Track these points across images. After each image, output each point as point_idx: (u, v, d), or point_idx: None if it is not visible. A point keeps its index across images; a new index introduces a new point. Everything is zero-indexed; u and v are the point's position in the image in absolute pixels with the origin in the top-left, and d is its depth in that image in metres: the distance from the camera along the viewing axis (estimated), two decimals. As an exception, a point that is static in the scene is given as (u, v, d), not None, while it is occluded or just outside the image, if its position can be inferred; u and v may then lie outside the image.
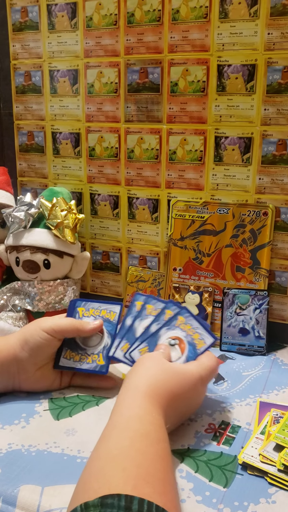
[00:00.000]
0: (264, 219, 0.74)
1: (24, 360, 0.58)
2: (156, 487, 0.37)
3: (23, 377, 0.59)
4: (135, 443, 0.41)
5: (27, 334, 0.59)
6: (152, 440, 0.42)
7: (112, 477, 0.37)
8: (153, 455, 0.40)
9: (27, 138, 0.89)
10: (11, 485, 0.46)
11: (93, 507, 0.34)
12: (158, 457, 0.41)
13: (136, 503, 0.34)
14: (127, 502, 0.34)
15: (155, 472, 0.39)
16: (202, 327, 0.59)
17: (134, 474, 0.37)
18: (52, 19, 0.82)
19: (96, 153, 0.84)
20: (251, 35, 0.70)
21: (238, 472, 0.49)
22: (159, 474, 0.39)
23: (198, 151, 0.77)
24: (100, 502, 0.34)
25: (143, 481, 0.37)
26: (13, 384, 0.60)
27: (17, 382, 0.60)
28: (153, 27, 0.75)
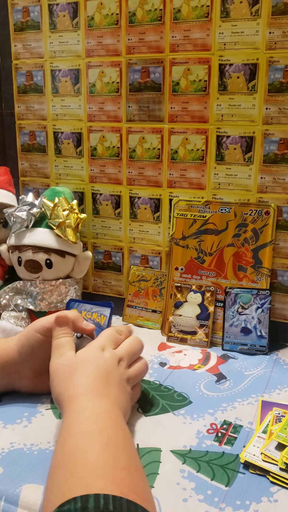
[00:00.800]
0: (266, 218, 0.74)
1: (22, 364, 0.58)
2: (108, 477, 0.37)
3: (23, 381, 0.60)
4: (77, 445, 0.41)
5: (22, 337, 0.58)
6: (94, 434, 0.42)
7: (63, 485, 0.37)
8: (98, 449, 0.40)
9: (29, 138, 0.90)
10: (13, 484, 0.46)
11: None
12: (104, 447, 0.40)
13: (92, 500, 0.34)
14: (82, 502, 0.34)
15: (104, 464, 0.38)
16: (94, 304, 0.61)
17: (82, 474, 0.37)
18: (53, 18, 0.82)
19: (98, 152, 0.84)
20: (252, 34, 0.70)
21: (240, 471, 0.49)
22: (108, 463, 0.39)
23: (199, 151, 0.77)
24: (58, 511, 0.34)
25: (93, 477, 0.37)
26: (13, 387, 0.60)
27: (17, 385, 0.60)
28: (155, 27, 0.75)
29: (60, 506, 0.34)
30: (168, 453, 0.51)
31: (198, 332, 0.76)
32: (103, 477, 0.37)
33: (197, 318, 0.77)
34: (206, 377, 0.67)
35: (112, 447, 0.41)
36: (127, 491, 0.36)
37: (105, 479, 0.37)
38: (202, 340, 0.76)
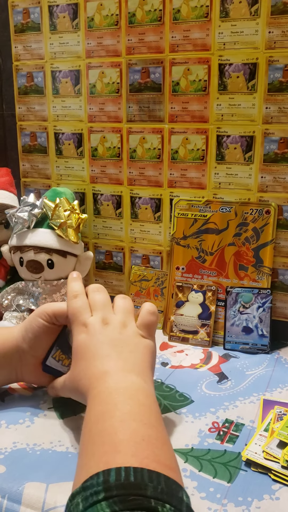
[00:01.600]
0: (266, 218, 0.74)
1: (25, 351, 0.58)
2: (126, 450, 0.37)
3: (25, 369, 0.59)
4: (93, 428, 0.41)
5: (26, 324, 0.58)
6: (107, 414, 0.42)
7: (86, 464, 0.38)
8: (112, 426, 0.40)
9: (30, 139, 0.90)
10: (16, 483, 0.46)
11: (77, 494, 0.35)
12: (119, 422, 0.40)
13: (113, 474, 0.35)
14: (104, 476, 0.35)
15: (121, 440, 0.39)
16: None
17: (101, 453, 0.38)
18: (53, 20, 0.82)
19: (99, 153, 0.84)
20: (252, 34, 0.70)
21: (242, 468, 0.49)
22: (126, 437, 0.39)
23: (200, 150, 0.77)
24: (82, 487, 0.35)
25: (112, 453, 0.37)
26: (15, 376, 0.60)
27: (19, 374, 0.59)
28: (154, 27, 0.75)
29: (84, 482, 0.35)
30: (170, 451, 0.51)
31: (199, 332, 0.77)
32: (121, 452, 0.37)
33: (198, 317, 0.77)
34: (207, 377, 0.67)
35: (128, 421, 0.41)
36: (147, 461, 0.36)
37: (124, 453, 0.37)
38: (204, 339, 0.76)
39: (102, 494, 0.33)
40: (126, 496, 0.33)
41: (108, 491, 0.33)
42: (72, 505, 0.34)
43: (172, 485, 0.35)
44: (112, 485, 0.33)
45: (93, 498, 0.33)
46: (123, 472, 0.35)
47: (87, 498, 0.33)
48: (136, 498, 0.32)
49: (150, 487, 0.33)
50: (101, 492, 0.33)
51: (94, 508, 0.32)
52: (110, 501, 0.32)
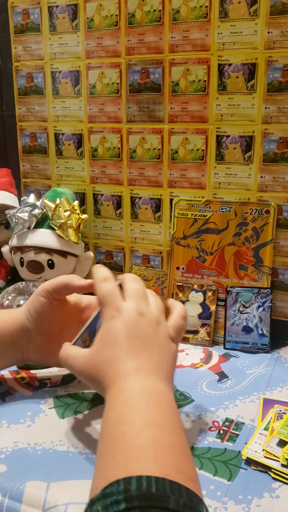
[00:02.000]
0: (266, 217, 0.74)
1: (31, 330, 0.58)
2: (148, 458, 0.37)
3: (31, 348, 0.59)
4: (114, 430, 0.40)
5: (29, 303, 0.58)
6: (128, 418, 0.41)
7: (106, 470, 0.37)
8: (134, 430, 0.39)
9: (30, 139, 0.90)
10: (17, 482, 0.46)
11: (97, 501, 0.34)
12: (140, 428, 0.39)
13: (134, 482, 0.34)
14: (125, 484, 0.34)
15: (142, 446, 0.38)
16: None
17: (122, 458, 0.37)
18: (53, 20, 0.83)
19: (99, 153, 0.84)
20: (251, 34, 0.70)
21: (242, 466, 0.49)
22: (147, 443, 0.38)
23: (199, 150, 0.77)
24: (102, 494, 0.34)
25: (133, 460, 0.37)
26: (22, 356, 0.60)
27: (25, 354, 0.59)
28: (154, 28, 0.75)
29: (104, 489, 0.35)
30: (171, 450, 0.51)
31: (200, 331, 0.77)
32: (142, 459, 0.36)
33: (198, 317, 0.77)
34: (208, 376, 0.67)
35: (150, 426, 0.39)
36: (168, 471, 0.35)
37: (145, 460, 0.36)
38: (204, 339, 0.76)
39: (123, 504, 0.32)
40: (147, 508, 0.32)
41: (130, 501, 0.32)
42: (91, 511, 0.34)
43: (193, 498, 0.34)
44: (134, 495, 0.33)
45: (113, 507, 0.32)
46: (145, 481, 0.34)
47: (107, 507, 0.33)
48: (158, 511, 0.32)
49: (172, 499, 0.33)
50: (122, 502, 0.32)
51: None
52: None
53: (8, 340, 0.58)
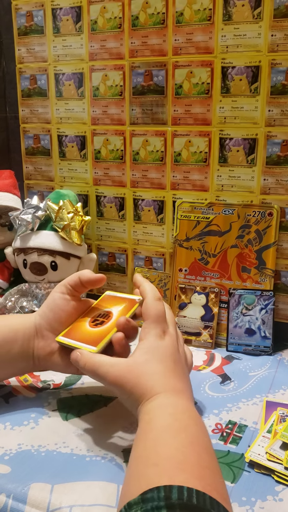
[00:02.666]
0: (269, 220, 0.74)
1: (42, 326, 0.58)
2: (192, 472, 0.37)
3: (40, 345, 0.58)
4: (160, 439, 0.41)
5: (44, 302, 0.60)
6: (176, 431, 0.42)
7: (147, 475, 0.38)
8: (181, 444, 0.40)
9: (33, 141, 0.90)
10: (21, 483, 0.47)
11: (135, 505, 0.34)
12: (187, 443, 0.40)
13: (175, 491, 0.34)
14: (166, 492, 0.34)
15: (187, 459, 0.39)
16: None
17: (167, 466, 0.38)
18: (57, 23, 0.83)
19: (102, 155, 0.85)
20: (254, 37, 0.70)
21: (245, 469, 0.49)
22: (192, 459, 0.39)
23: (203, 153, 0.77)
24: (141, 499, 0.34)
25: (177, 470, 0.37)
26: (33, 363, 0.59)
27: (36, 359, 0.58)
28: (158, 30, 0.76)
29: (143, 493, 0.35)
30: (174, 453, 0.51)
31: (202, 333, 0.77)
32: (186, 471, 0.37)
33: (201, 319, 0.77)
34: (210, 378, 0.67)
35: (195, 445, 0.41)
36: (209, 488, 0.35)
37: (189, 473, 0.37)
38: (207, 341, 0.76)
39: (164, 510, 0.32)
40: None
41: (171, 509, 0.32)
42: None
43: None
44: (175, 503, 0.33)
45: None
46: (186, 492, 0.34)
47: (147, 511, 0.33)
48: None
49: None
50: (163, 508, 0.33)
51: None
52: None
53: (19, 342, 0.58)
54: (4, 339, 0.57)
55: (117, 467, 0.49)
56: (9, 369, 0.59)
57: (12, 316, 0.62)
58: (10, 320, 0.60)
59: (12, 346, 0.57)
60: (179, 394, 0.47)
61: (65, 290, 0.59)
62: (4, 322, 0.60)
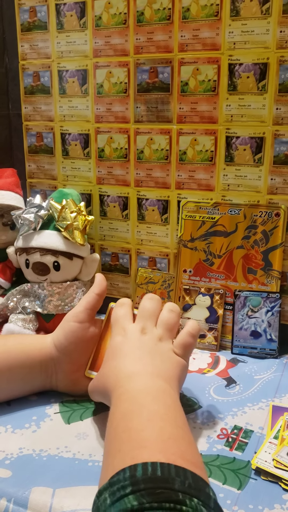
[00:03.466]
0: (276, 220, 0.73)
1: (60, 359, 0.58)
2: (152, 447, 0.38)
3: (60, 377, 0.59)
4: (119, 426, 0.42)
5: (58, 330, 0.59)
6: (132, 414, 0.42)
7: (113, 461, 0.38)
8: (139, 424, 0.41)
9: (36, 139, 0.89)
10: (22, 487, 0.46)
11: (104, 490, 0.35)
12: (145, 422, 0.41)
13: (139, 469, 0.35)
14: (131, 471, 0.35)
15: (147, 436, 0.39)
16: None
17: (128, 448, 0.38)
18: (60, 18, 0.81)
19: (106, 154, 0.83)
20: (263, 33, 0.69)
21: (252, 476, 0.48)
22: (152, 435, 0.39)
23: (208, 151, 0.76)
24: (109, 483, 0.35)
25: (138, 449, 0.38)
26: (50, 383, 0.60)
27: (54, 382, 0.60)
28: (163, 26, 0.74)
29: (111, 478, 0.35)
30: (179, 459, 0.50)
31: (207, 336, 0.76)
32: (148, 448, 0.38)
33: (206, 321, 0.76)
34: (215, 381, 0.66)
35: (155, 420, 0.41)
36: (174, 458, 0.36)
37: (150, 449, 0.37)
38: (211, 343, 0.75)
39: (129, 488, 0.33)
40: (153, 489, 0.33)
41: (135, 485, 0.33)
42: (100, 501, 0.34)
43: (199, 482, 0.35)
44: (140, 479, 0.34)
45: (120, 492, 0.33)
46: (150, 467, 0.35)
47: (114, 493, 0.34)
48: (163, 491, 0.33)
49: (177, 481, 0.34)
50: (128, 486, 0.33)
51: (122, 502, 0.32)
52: (137, 494, 0.33)
53: (37, 369, 0.58)
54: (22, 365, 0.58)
55: (120, 474, 0.48)
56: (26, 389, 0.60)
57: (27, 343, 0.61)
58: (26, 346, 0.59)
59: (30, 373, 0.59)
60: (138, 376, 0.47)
61: (84, 318, 0.58)
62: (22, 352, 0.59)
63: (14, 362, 0.57)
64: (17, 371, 0.57)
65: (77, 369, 0.59)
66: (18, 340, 0.61)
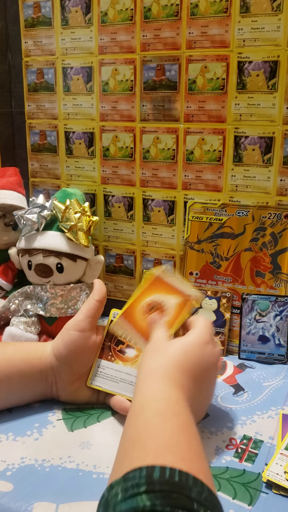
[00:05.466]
0: (285, 222, 0.71)
1: (59, 368, 0.57)
2: (178, 454, 0.36)
3: (60, 387, 0.58)
4: (151, 422, 0.40)
5: (57, 339, 0.57)
6: (169, 416, 0.41)
7: (132, 456, 0.37)
8: (172, 428, 0.40)
9: (39, 137, 0.87)
10: (25, 502, 0.44)
11: (116, 485, 0.34)
12: (178, 429, 0.40)
13: (157, 470, 0.33)
14: (148, 471, 0.34)
15: (176, 443, 0.38)
16: None
17: (153, 447, 0.37)
18: (65, 14, 0.80)
19: (111, 153, 0.81)
20: (273, 30, 0.67)
21: (263, 490, 0.46)
22: (181, 444, 0.38)
23: (216, 151, 0.74)
24: (123, 478, 0.34)
25: (164, 451, 0.36)
26: (51, 392, 0.59)
27: (55, 391, 0.58)
28: (171, 22, 0.72)
29: (126, 473, 0.34)
30: (186, 470, 0.48)
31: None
32: (174, 453, 0.36)
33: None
34: (223, 388, 0.64)
35: (186, 431, 0.40)
36: (195, 471, 0.35)
37: (176, 455, 0.36)
38: (218, 348, 0.73)
39: (144, 487, 0.32)
40: (169, 493, 0.32)
41: (151, 485, 0.32)
42: (110, 495, 0.33)
43: (215, 499, 0.34)
44: (156, 480, 0.33)
45: (133, 489, 0.32)
46: (168, 471, 0.34)
47: (127, 489, 0.32)
48: (179, 497, 0.31)
49: (194, 491, 0.33)
50: (143, 485, 0.32)
51: (134, 499, 0.31)
52: (151, 494, 0.31)
53: (37, 377, 0.57)
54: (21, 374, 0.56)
55: (126, 486, 0.46)
56: (26, 398, 0.59)
57: (27, 352, 0.59)
58: (26, 355, 0.58)
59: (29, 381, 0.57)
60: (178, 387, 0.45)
61: (85, 326, 0.56)
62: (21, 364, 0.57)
63: (13, 370, 0.56)
64: (16, 380, 0.56)
65: (78, 378, 0.58)
66: (18, 348, 0.60)
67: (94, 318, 0.58)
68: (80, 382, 0.58)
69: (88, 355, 0.57)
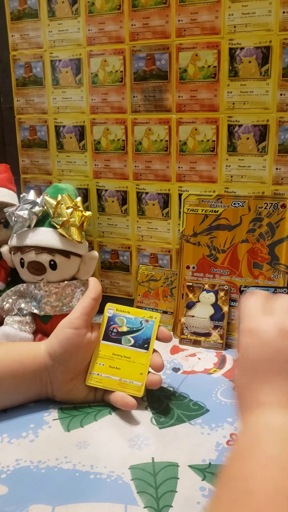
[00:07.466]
0: (282, 212, 0.69)
1: (54, 367, 0.55)
2: None
3: (55, 386, 0.57)
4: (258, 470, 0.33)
5: (52, 338, 0.56)
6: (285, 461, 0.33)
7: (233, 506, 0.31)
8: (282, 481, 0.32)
9: (29, 133, 0.86)
10: (20, 505, 0.43)
11: None
12: None
13: None
14: None
15: None
16: None
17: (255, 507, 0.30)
18: (52, 5, 0.78)
19: (102, 146, 0.80)
20: (264, 15, 0.65)
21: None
22: None
23: (210, 141, 0.72)
24: None
25: None
26: (46, 393, 0.57)
27: (50, 391, 0.57)
28: (160, 10, 0.71)
29: None
30: (186, 468, 0.47)
31: (212, 334, 0.72)
32: None
33: (210, 318, 0.73)
34: (222, 383, 0.63)
35: None
36: None
37: None
38: (217, 342, 0.72)
39: None
40: None
41: None
42: None
43: None
44: None
45: None
46: None
47: None
48: None
49: None
50: None
51: None
52: None
53: (31, 378, 0.56)
54: (14, 375, 0.55)
55: (123, 486, 0.45)
56: (20, 399, 0.57)
57: (20, 352, 0.57)
58: (19, 355, 0.57)
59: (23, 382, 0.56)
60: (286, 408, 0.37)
61: (80, 324, 0.55)
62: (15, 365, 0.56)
63: (5, 371, 0.55)
64: (9, 381, 0.55)
65: (73, 377, 0.56)
66: (10, 348, 0.58)
67: (89, 316, 0.56)
68: (76, 381, 0.57)
69: (83, 353, 0.56)
